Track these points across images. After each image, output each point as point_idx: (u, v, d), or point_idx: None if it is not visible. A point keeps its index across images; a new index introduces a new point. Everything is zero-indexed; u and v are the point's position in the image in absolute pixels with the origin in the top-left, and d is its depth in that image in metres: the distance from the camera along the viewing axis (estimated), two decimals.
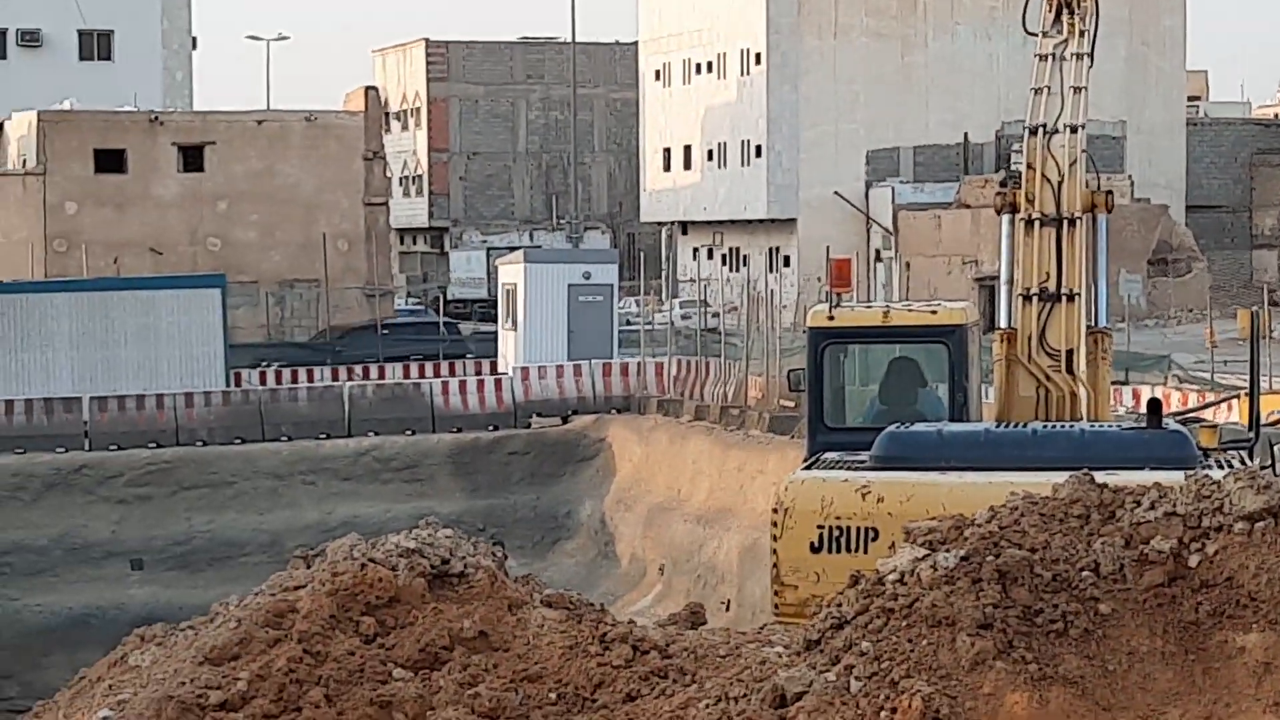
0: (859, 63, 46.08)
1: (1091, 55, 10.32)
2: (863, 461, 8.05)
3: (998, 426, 8.97)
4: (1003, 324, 9.82)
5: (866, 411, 9.98)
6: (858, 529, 7.07)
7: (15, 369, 27.33)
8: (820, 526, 7.60)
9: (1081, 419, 9.30)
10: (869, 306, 12.72)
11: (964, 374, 9.73)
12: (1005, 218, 10.28)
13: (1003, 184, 11.82)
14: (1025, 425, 8.86)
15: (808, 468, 8.62)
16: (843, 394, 10.23)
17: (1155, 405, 8.84)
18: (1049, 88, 10.18)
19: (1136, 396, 18.82)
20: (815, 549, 7.16)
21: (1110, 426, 9.49)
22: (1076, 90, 10.22)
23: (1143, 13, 46.69)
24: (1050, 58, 10.38)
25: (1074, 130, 10.02)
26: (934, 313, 10.51)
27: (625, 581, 25.19)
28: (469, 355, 33.92)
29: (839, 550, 7.22)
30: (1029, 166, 10.15)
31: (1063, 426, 8.95)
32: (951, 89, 47.56)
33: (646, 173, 53.48)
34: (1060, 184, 9.80)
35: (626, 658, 5.72)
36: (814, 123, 46.11)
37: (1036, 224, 9.81)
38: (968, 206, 42.40)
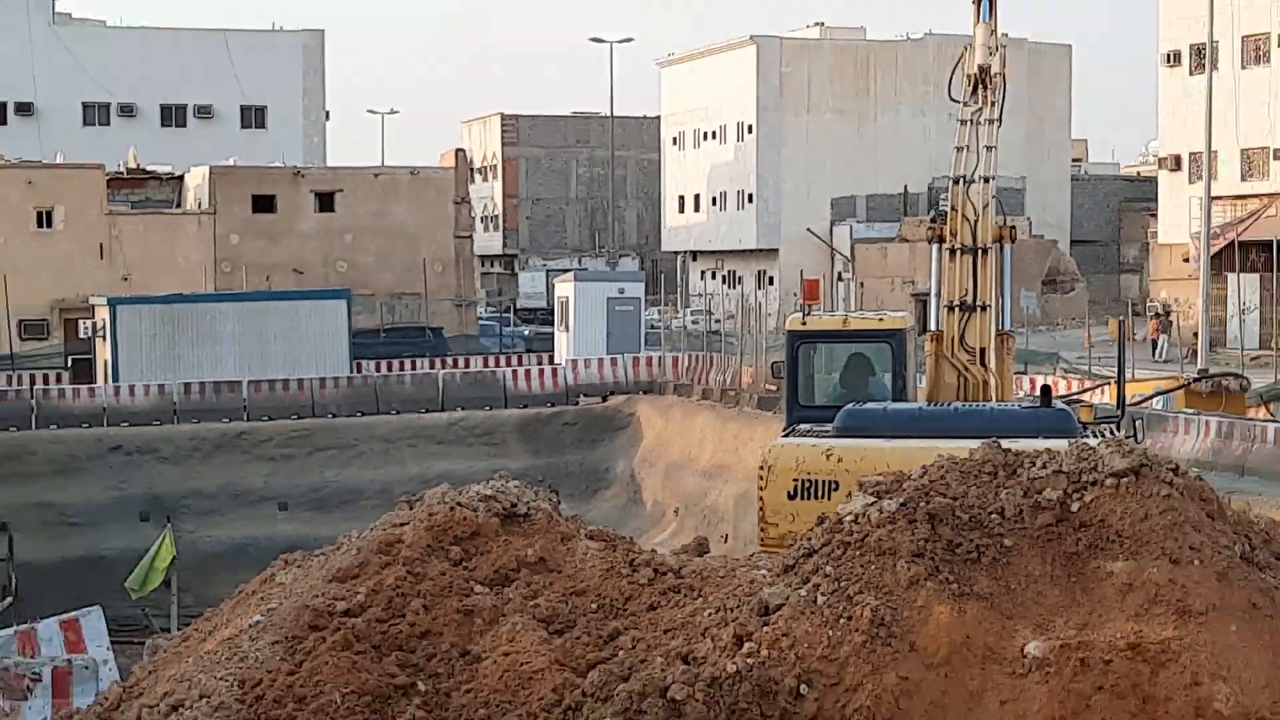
0: (825, 132, 59.07)
1: (1000, 120, 12.58)
2: (827, 432, 9.90)
3: (929, 406, 11.09)
4: (932, 328, 12.16)
5: (830, 394, 12.02)
6: (823, 482, 8.83)
7: (192, 360, 34.27)
8: (795, 480, 9.42)
9: (991, 401, 11.44)
10: (832, 315, 16.02)
11: (903, 366, 11.88)
12: (934, 247, 12.70)
13: (932, 221, 14.97)
14: (949, 405, 11.04)
15: (785, 436, 10.59)
16: (812, 381, 12.42)
17: (1046, 391, 11.22)
18: (968, 146, 12.36)
19: (1033, 384, 22.53)
20: (791, 496, 8.94)
21: (1012, 406, 11.78)
22: (988, 149, 12.49)
23: (1039, 95, 58.49)
24: (969, 122, 12.64)
25: (986, 180, 12.31)
26: (881, 320, 13.07)
27: (649, 521, 29.26)
28: (450, 354, 39.87)
29: (809, 498, 8.98)
30: (953, 209, 12.40)
31: (977, 406, 11.10)
32: (895, 152, 59.73)
33: (666, 214, 66.75)
34: (976, 222, 12.08)
35: (649, 578, 6.96)
36: (792, 177, 58.67)
37: (958, 253, 12.11)
38: (906, 240, 53.98)
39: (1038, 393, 12.50)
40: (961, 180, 12.37)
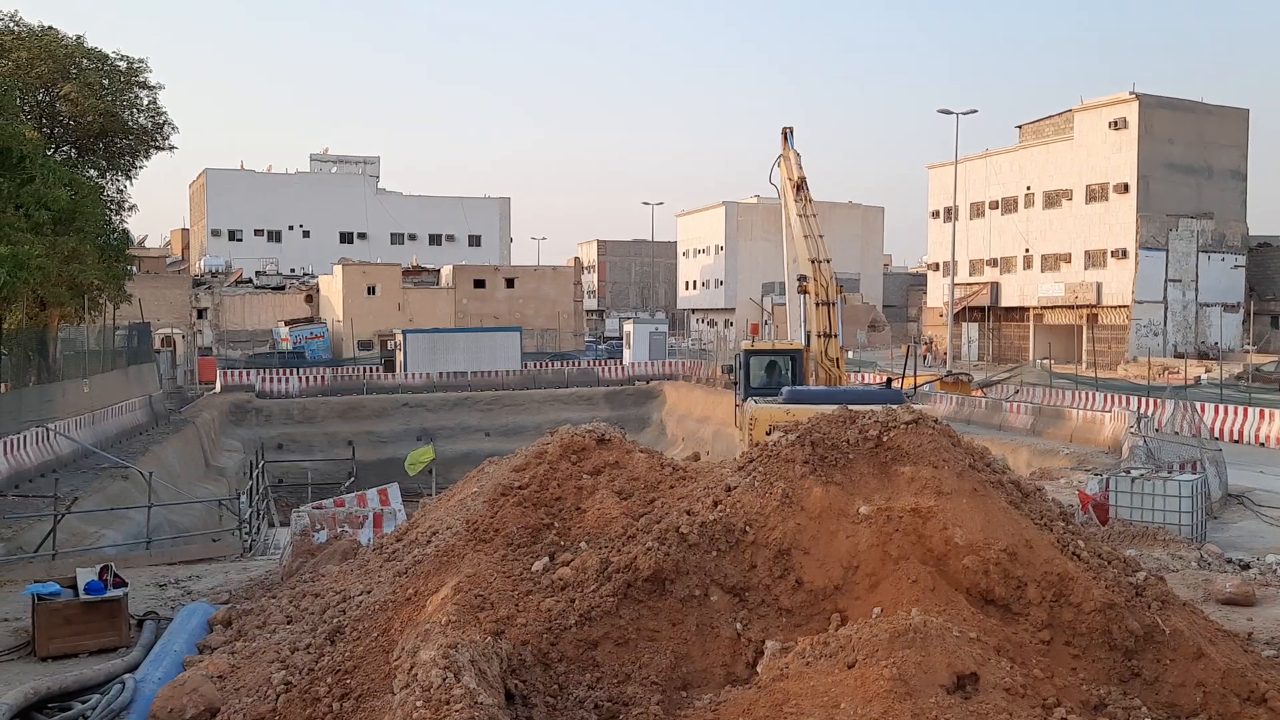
0: (759, 250, 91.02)
1: (815, 215, 20.24)
2: (777, 400, 15.37)
3: (824, 389, 17.01)
4: (812, 347, 18.83)
5: (761, 382, 18.43)
6: (782, 425, 12.68)
7: (443, 360, 55.68)
8: (769, 425, 12.94)
9: (842, 384, 17.50)
10: (763, 341, 25.42)
11: (800, 367, 18.19)
12: (802, 298, 19.74)
13: (801, 279, 20.62)
14: (824, 388, 17.03)
15: (753, 403, 16.46)
16: (750, 375, 18.99)
17: (889, 381, 19.35)
18: (811, 235, 19.48)
19: (876, 379, 35.37)
20: (767, 434, 12.24)
21: (871, 388, 19.68)
22: (820, 236, 19.94)
23: (867, 230, 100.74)
24: (803, 216, 20.03)
25: (827, 260, 19.58)
26: (789, 343, 19.81)
27: (669, 444, 46.25)
28: (569, 359, 64.05)
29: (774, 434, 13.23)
30: (814, 279, 19.46)
31: (851, 388, 18.26)
32: None
33: (679, 290, 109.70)
34: (828, 286, 18.72)
35: (670, 472, 10.22)
36: (745, 271, 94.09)
37: (822, 304, 18.80)
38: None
39: (884, 381, 20.90)
40: (818, 261, 19.16)
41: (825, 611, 8.20)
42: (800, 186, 21.00)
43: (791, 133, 24.70)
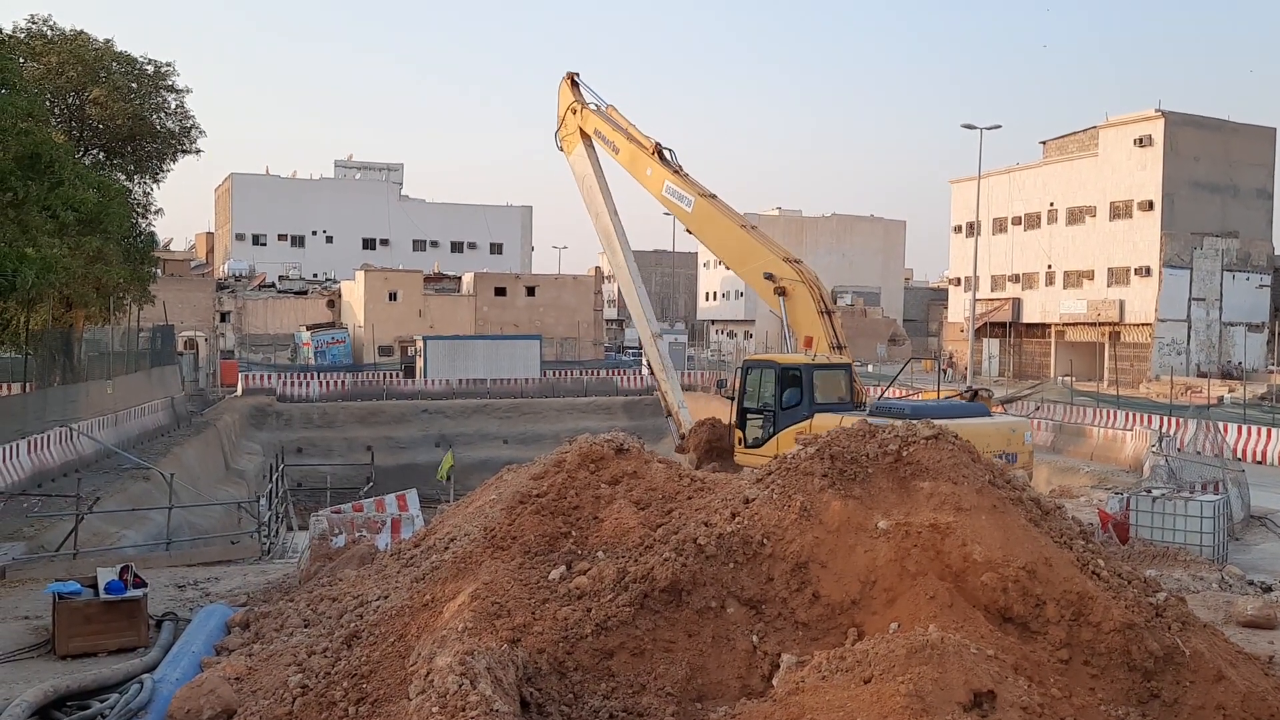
0: None
1: None
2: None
3: (898, 401, 17.16)
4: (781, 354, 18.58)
5: (766, 401, 18.69)
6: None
7: (463, 367, 56.45)
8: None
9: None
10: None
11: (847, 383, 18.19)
12: (781, 299, 19.69)
13: (769, 278, 20.31)
14: (910, 401, 16.00)
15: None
16: (758, 393, 19.01)
17: (975, 394, 18.30)
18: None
19: (881, 392, 35.25)
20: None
21: (942, 401, 18.30)
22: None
23: (889, 243, 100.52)
24: (680, 174, 20.21)
25: (798, 262, 19.91)
26: (831, 358, 19.06)
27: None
28: (589, 368, 64.23)
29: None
30: (814, 284, 19.94)
31: (938, 401, 16.87)
32: (817, 273, 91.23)
33: (699, 301, 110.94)
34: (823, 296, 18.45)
35: (688, 483, 10.12)
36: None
37: (823, 313, 18.78)
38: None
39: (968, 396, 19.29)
40: (792, 261, 19.60)
41: (842, 626, 8.14)
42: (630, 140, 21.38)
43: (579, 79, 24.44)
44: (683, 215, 23.44)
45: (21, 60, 28.03)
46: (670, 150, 23.87)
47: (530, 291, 75.92)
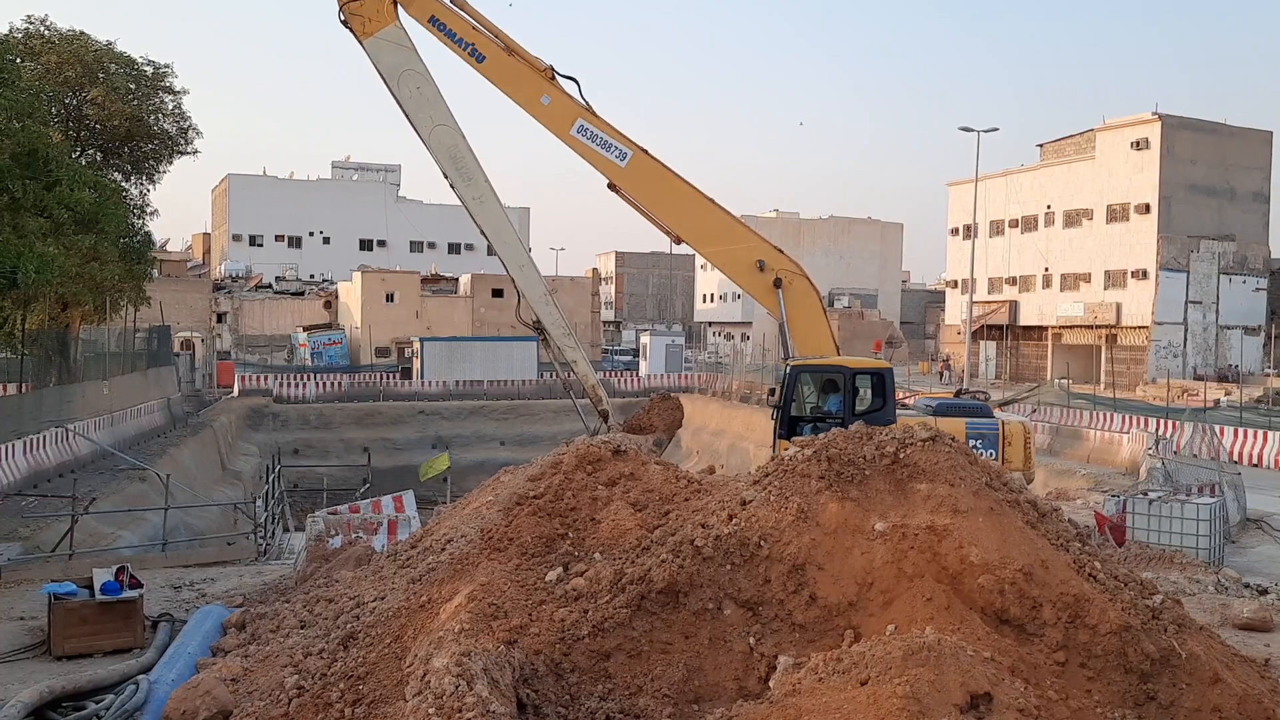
0: None
1: None
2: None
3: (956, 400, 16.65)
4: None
5: (812, 408, 17.08)
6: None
7: (460, 369, 56.79)
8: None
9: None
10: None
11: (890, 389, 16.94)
12: (779, 290, 17.56)
13: (763, 271, 17.77)
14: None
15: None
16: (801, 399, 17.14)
17: (959, 393, 17.55)
18: None
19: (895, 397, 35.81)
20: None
21: (963, 400, 17.69)
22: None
23: (886, 246, 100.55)
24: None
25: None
26: (875, 362, 17.58)
27: (684, 456, 44.73)
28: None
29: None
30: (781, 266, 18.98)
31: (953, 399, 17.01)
32: (812, 275, 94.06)
33: (697, 303, 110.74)
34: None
35: (686, 484, 10.07)
36: None
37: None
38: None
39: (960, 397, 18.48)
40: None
41: (839, 628, 8.11)
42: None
43: None
44: (608, 168, 17.57)
45: (19, 60, 27.95)
46: (574, 79, 17.58)
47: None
